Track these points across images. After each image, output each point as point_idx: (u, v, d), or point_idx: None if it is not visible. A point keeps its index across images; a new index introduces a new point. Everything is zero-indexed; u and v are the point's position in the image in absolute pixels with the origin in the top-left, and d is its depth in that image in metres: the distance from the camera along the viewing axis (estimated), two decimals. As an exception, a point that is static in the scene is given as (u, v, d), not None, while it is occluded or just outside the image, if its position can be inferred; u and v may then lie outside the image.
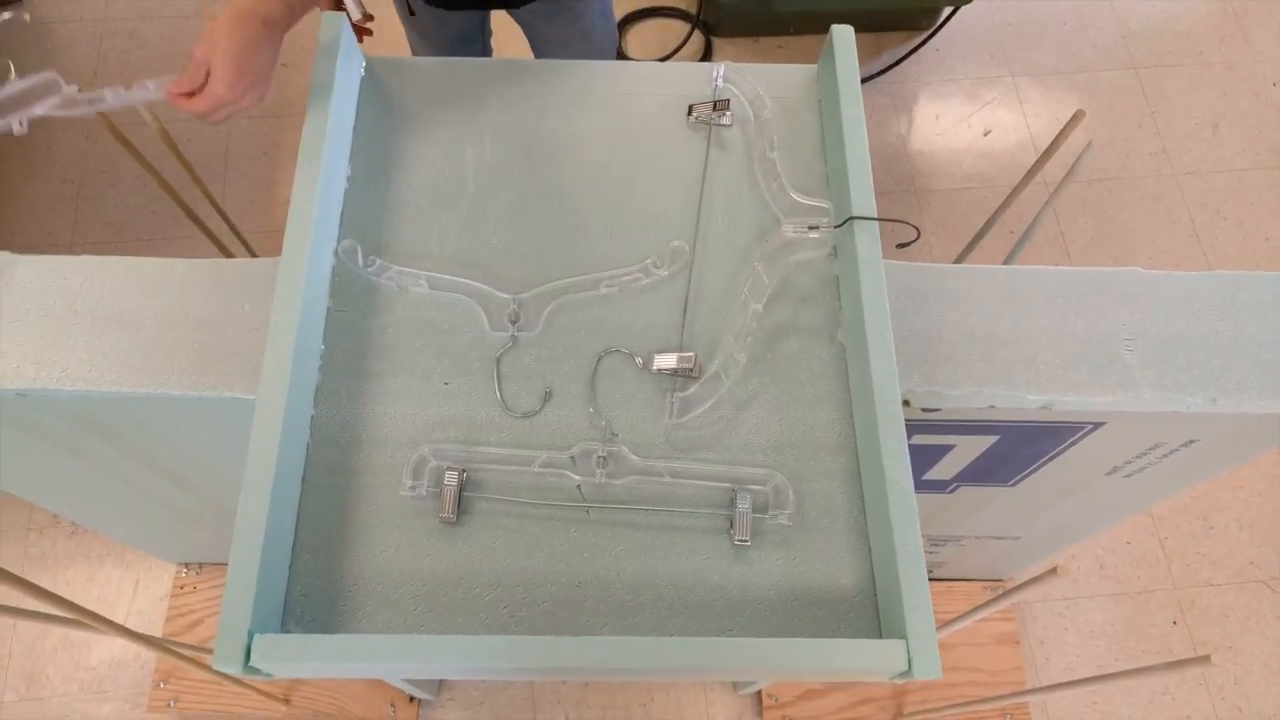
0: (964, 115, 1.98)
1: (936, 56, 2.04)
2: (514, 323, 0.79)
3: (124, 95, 0.77)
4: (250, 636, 0.64)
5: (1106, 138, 1.95)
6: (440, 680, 1.48)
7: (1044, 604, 1.56)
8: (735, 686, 1.47)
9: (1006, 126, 1.97)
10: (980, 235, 1.13)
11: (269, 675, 0.68)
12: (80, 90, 0.76)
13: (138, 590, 1.54)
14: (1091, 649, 1.53)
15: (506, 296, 0.80)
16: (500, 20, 1.27)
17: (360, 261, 0.81)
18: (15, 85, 0.74)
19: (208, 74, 0.74)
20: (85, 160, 1.82)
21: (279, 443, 0.69)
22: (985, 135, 1.96)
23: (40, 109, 0.75)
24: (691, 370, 0.77)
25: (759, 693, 1.45)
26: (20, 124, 0.74)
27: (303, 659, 0.65)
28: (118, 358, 0.78)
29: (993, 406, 0.78)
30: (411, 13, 1.17)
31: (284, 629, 0.70)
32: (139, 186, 1.78)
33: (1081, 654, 1.53)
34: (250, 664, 0.64)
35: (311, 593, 0.71)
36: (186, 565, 1.51)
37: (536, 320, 0.80)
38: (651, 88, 0.91)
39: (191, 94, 0.75)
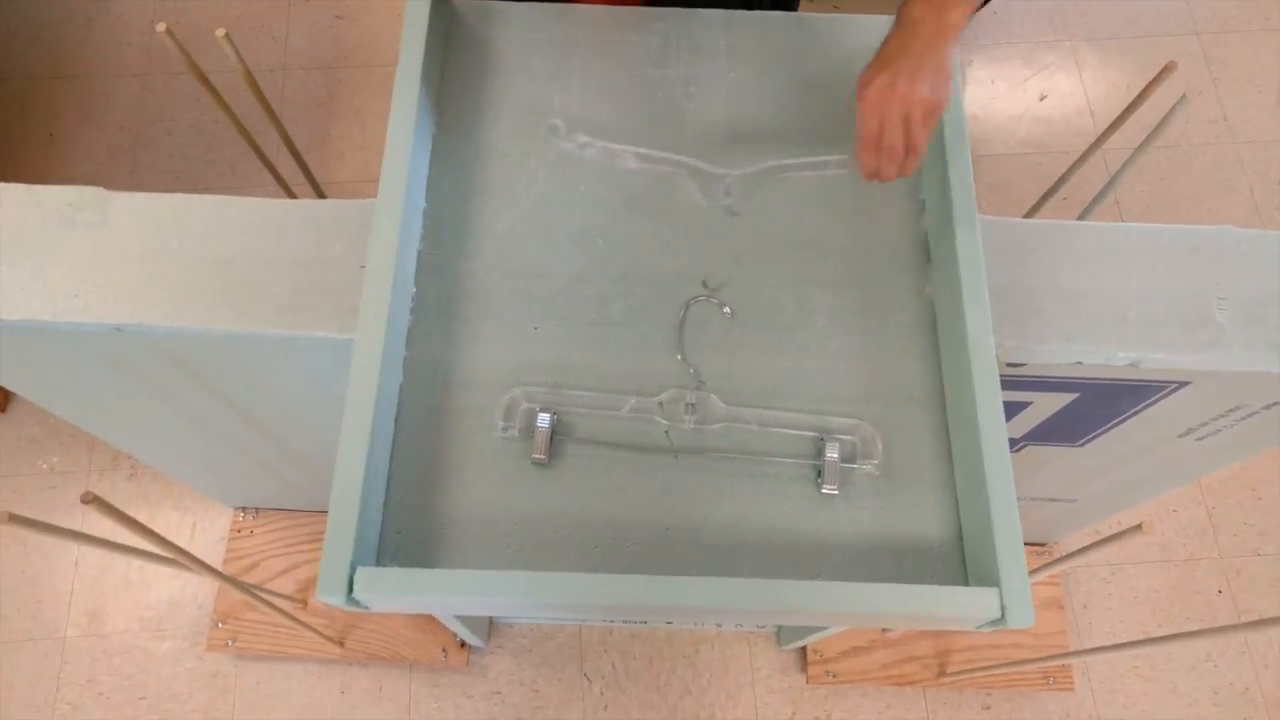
0: (1020, 80, 1.95)
1: (994, 20, 2.00)
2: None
3: None
4: (353, 569, 0.66)
5: (1167, 105, 1.91)
6: (490, 627, 1.51)
7: (1088, 569, 1.56)
8: (780, 641, 1.49)
9: (1063, 92, 1.94)
10: (1051, 192, 1.13)
11: (366, 608, 0.69)
12: None
13: (194, 533, 1.57)
14: (1135, 615, 1.54)
15: (721, 171, 0.82)
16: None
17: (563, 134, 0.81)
18: None
19: None
20: (141, 108, 1.83)
21: (377, 381, 0.71)
22: (1041, 100, 1.93)
23: None
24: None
25: (803, 648, 1.47)
26: None
27: (404, 592, 0.66)
28: (212, 296, 0.80)
29: (1080, 363, 0.78)
30: None
31: (379, 564, 0.71)
32: (194, 136, 1.79)
33: (1125, 619, 1.53)
34: (352, 595, 0.66)
35: (405, 529, 0.73)
36: (244, 510, 1.53)
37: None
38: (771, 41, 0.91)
39: None
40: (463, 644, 1.47)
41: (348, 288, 0.80)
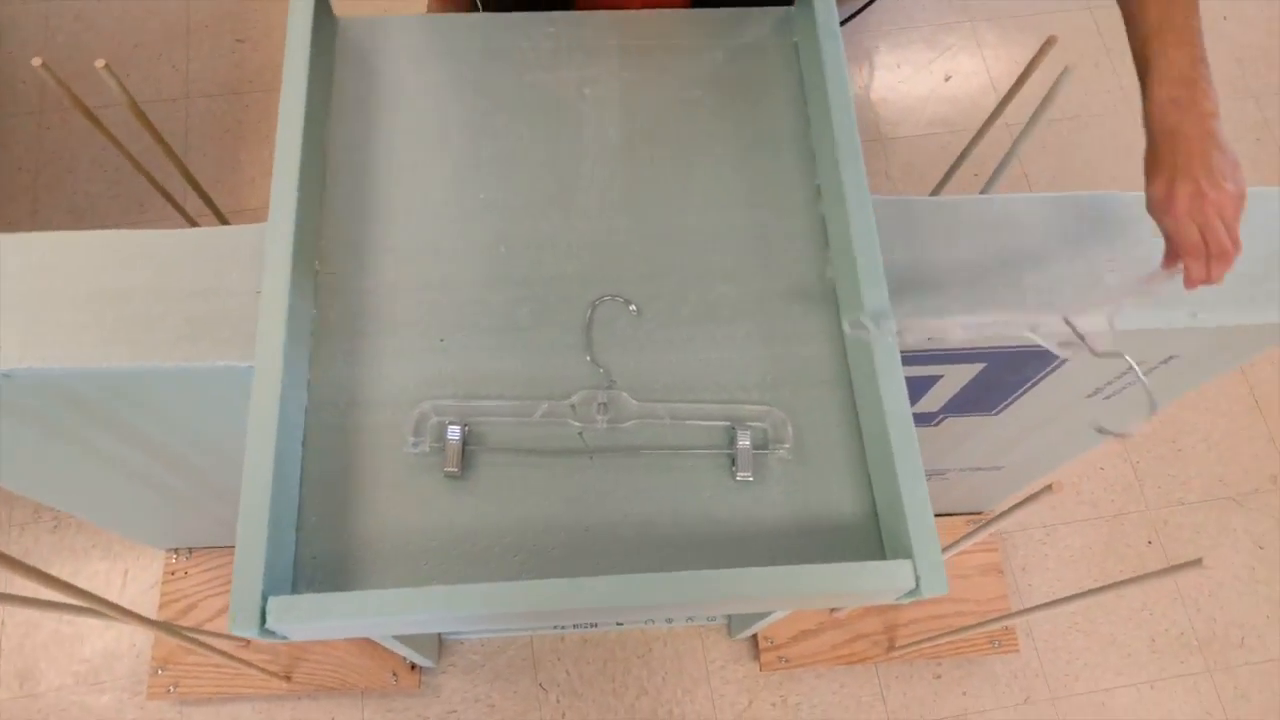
0: (925, 62, 2.00)
1: (896, 5, 2.04)
2: None
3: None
4: (265, 599, 0.65)
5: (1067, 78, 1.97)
6: (440, 645, 1.49)
7: (1024, 532, 1.60)
8: (730, 631, 1.50)
9: (967, 71, 1.99)
10: (953, 169, 1.15)
11: (284, 638, 0.68)
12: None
13: (127, 580, 1.52)
14: (1072, 572, 1.58)
15: None
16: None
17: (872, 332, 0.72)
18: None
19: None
20: (39, 146, 1.77)
21: (279, 406, 0.69)
22: (946, 81, 1.97)
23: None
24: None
25: (754, 636, 1.48)
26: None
27: (319, 618, 0.65)
28: (103, 332, 0.77)
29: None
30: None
31: (295, 591, 0.70)
32: (97, 172, 1.74)
33: (1062, 578, 1.57)
34: (266, 626, 0.65)
35: (320, 554, 0.71)
36: (176, 551, 1.49)
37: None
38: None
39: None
40: (413, 666, 1.45)
41: (246, 314, 0.78)
